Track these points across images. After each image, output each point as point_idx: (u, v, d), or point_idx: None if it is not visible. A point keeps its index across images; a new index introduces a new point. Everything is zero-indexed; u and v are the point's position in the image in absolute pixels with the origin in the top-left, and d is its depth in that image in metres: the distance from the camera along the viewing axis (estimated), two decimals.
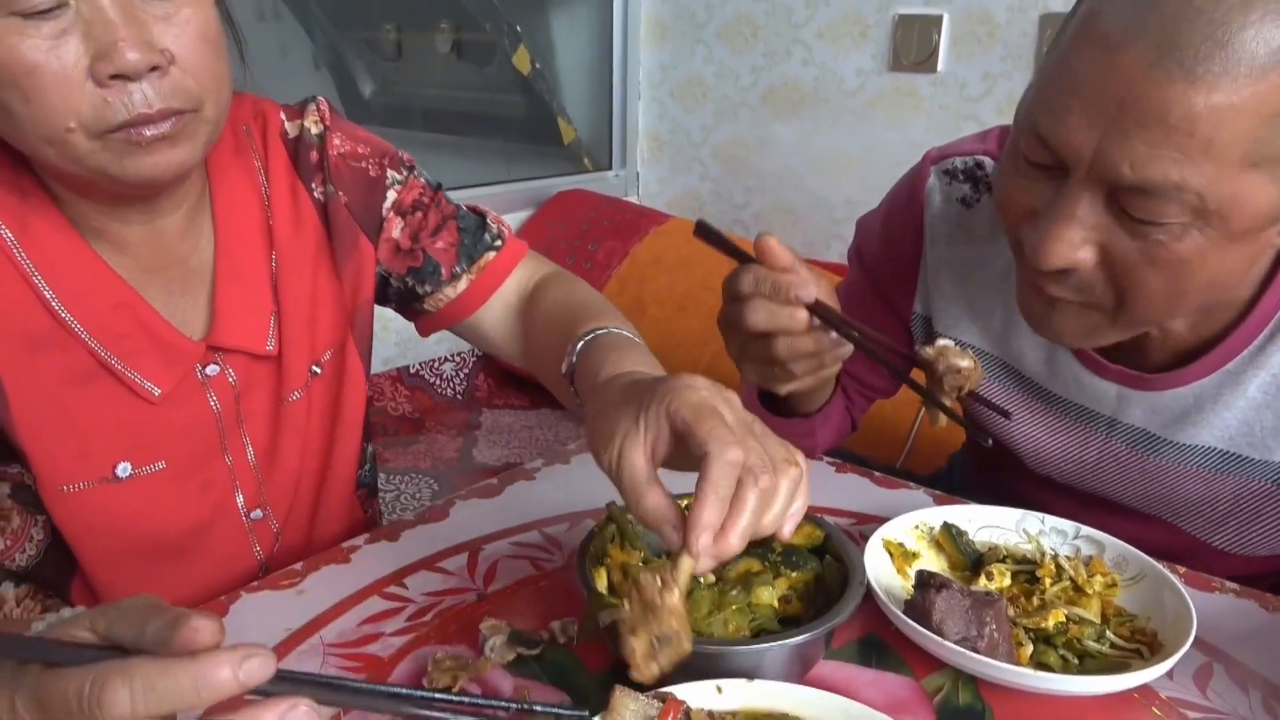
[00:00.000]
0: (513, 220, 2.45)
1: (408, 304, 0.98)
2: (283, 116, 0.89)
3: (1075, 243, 0.67)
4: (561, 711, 0.53)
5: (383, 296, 0.97)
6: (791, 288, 0.71)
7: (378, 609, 0.76)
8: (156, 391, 0.78)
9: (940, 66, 2.10)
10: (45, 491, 0.75)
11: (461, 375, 2.36)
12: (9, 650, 0.44)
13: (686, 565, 0.55)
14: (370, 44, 2.43)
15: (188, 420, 0.81)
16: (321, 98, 0.92)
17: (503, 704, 0.51)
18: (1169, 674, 0.68)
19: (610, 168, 2.70)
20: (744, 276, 0.74)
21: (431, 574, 0.81)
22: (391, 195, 0.93)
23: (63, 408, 0.75)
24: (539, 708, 0.52)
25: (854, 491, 0.98)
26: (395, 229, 0.93)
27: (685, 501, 0.68)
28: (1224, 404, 0.81)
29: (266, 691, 0.42)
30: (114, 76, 0.65)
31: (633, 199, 2.68)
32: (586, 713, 0.51)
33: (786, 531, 0.58)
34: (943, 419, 0.74)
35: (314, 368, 0.89)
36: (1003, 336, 0.92)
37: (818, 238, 2.40)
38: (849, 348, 0.75)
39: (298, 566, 0.82)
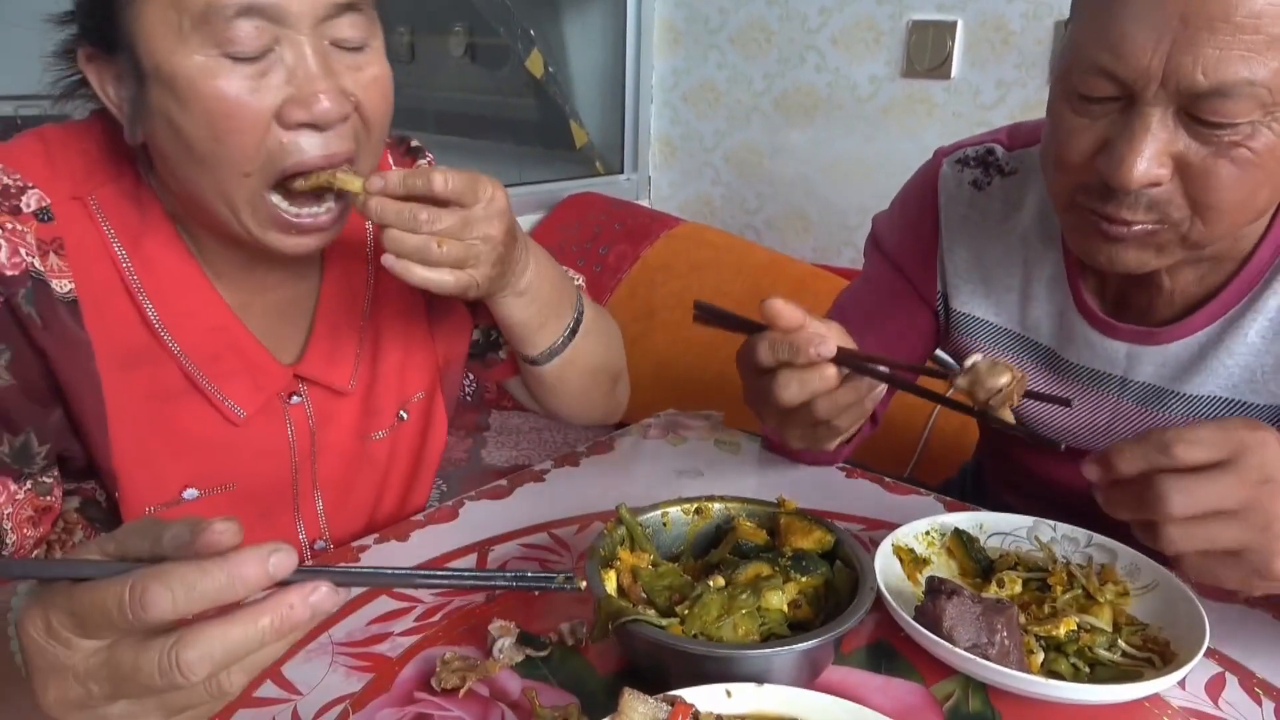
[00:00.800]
0: (524, 223, 2.46)
1: (484, 354, 1.02)
2: (391, 161, 0.93)
3: (1155, 158, 0.69)
4: (553, 576, 0.55)
5: None
6: (810, 345, 0.71)
7: (387, 609, 0.76)
8: (241, 413, 0.80)
9: (954, 73, 2.09)
10: (128, 512, 0.76)
11: (470, 377, 2.36)
12: (38, 571, 0.45)
13: (356, 183, 0.71)
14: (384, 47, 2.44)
15: (263, 446, 0.82)
16: (429, 153, 0.96)
17: (500, 574, 0.54)
18: (1181, 683, 0.68)
19: (622, 171, 2.71)
20: (759, 347, 0.73)
21: None
22: None
23: (150, 426, 0.76)
24: (530, 574, 0.54)
25: (864, 497, 0.98)
26: None
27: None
28: (1226, 351, 0.84)
29: (288, 581, 0.45)
30: (303, 124, 0.68)
31: (644, 203, 2.68)
32: (568, 575, 0.54)
33: (389, 262, 0.72)
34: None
35: (401, 412, 0.92)
36: (1018, 309, 0.96)
37: (830, 244, 2.39)
38: (883, 386, 0.75)
39: (309, 565, 0.82)
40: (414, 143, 0.97)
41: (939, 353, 0.83)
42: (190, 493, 0.78)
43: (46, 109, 0.75)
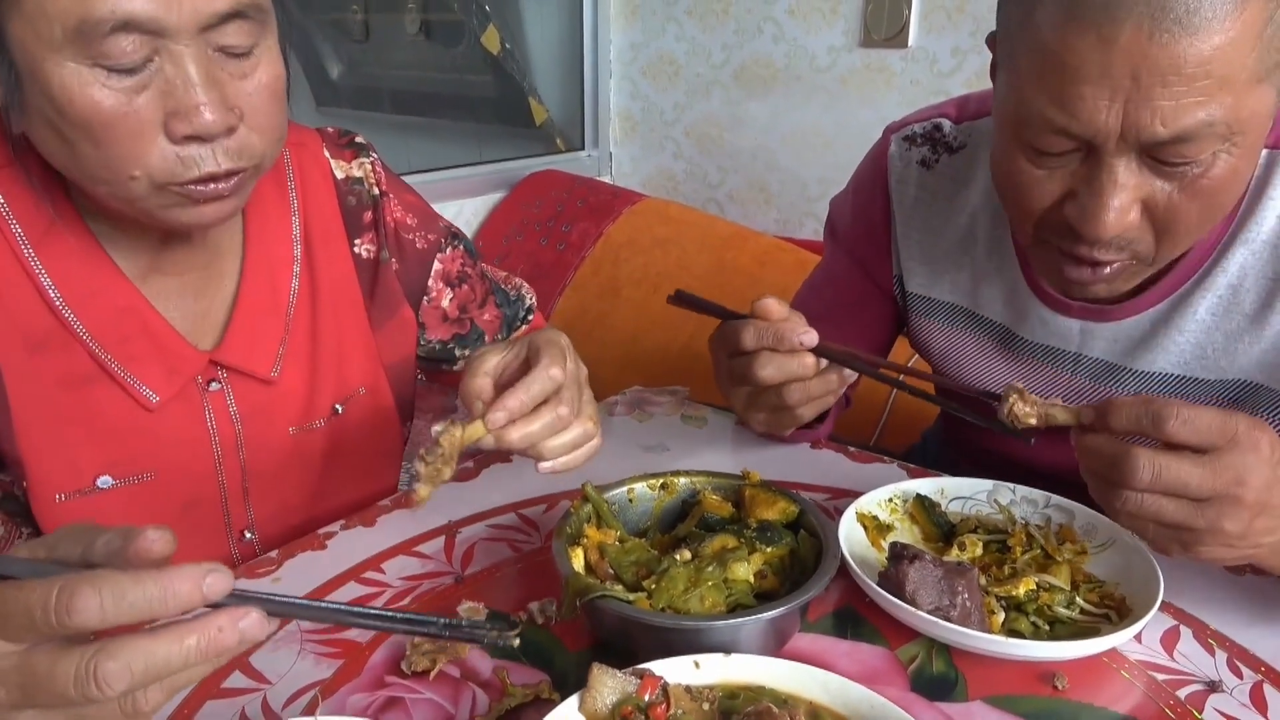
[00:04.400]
0: (485, 203, 2.43)
1: (437, 363, 1.03)
2: (327, 153, 0.90)
3: (1127, 207, 0.70)
4: (488, 628, 0.53)
5: None
6: (793, 333, 0.76)
7: (355, 594, 0.76)
8: (154, 398, 0.78)
9: (911, 42, 2.09)
10: (37, 501, 0.74)
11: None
12: None
13: (478, 429, 0.69)
14: (337, 25, 2.39)
15: (181, 434, 0.80)
16: (374, 151, 0.93)
17: (432, 619, 0.53)
18: (1137, 638, 0.70)
19: (583, 148, 2.68)
20: (744, 332, 0.77)
21: (409, 558, 0.81)
22: (436, 265, 0.97)
23: (59, 412, 0.74)
24: (465, 624, 0.53)
25: (828, 466, 0.99)
26: (445, 299, 0.98)
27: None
28: (1176, 328, 0.85)
29: (219, 605, 0.44)
30: (188, 137, 0.65)
31: (606, 179, 2.66)
32: (502, 631, 0.53)
33: (552, 464, 0.71)
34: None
35: (336, 406, 0.90)
36: (971, 288, 0.96)
37: (792, 215, 2.40)
38: (853, 376, 0.78)
39: (273, 554, 0.81)
40: (358, 138, 0.94)
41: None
42: (105, 480, 0.76)
43: None
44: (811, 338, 0.76)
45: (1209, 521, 0.61)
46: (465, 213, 2.37)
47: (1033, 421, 0.70)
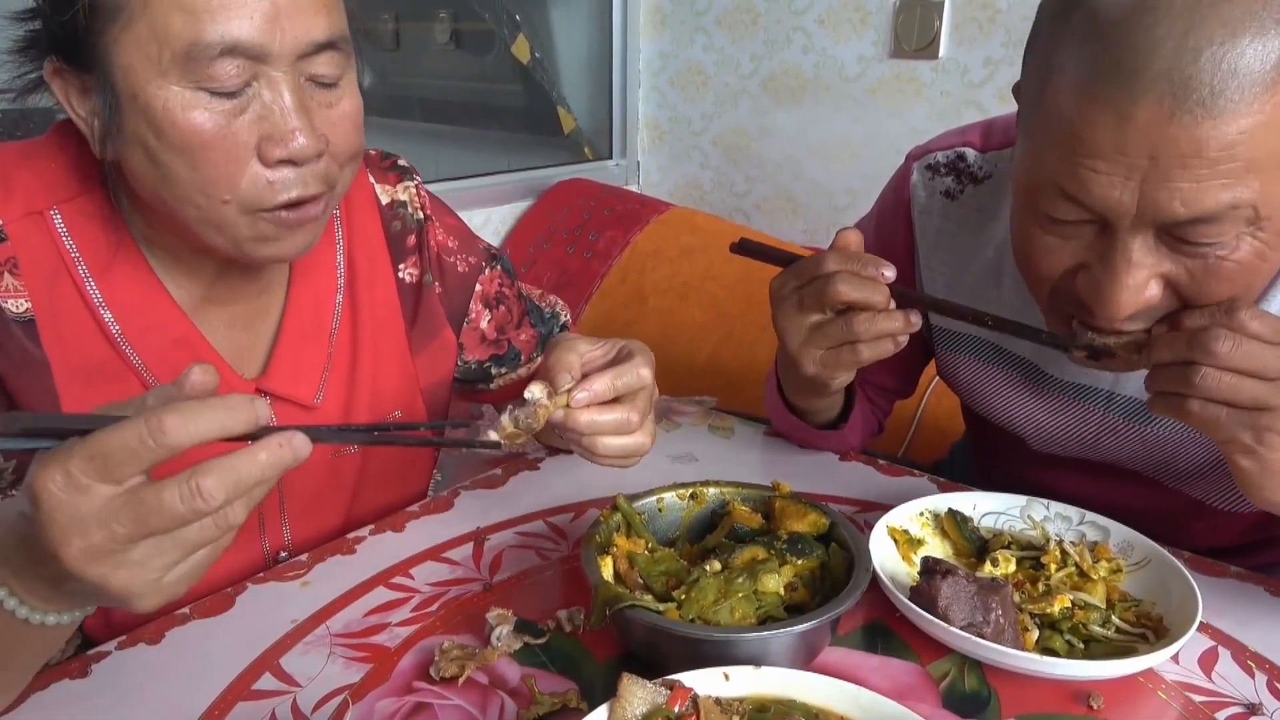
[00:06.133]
0: (513, 211, 2.45)
1: (472, 383, 1.04)
2: (371, 178, 0.92)
3: (1142, 285, 0.67)
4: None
5: None
6: (875, 264, 0.76)
7: (384, 599, 0.76)
8: None
9: (941, 52, 2.08)
10: None
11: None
12: (51, 424, 0.51)
13: (561, 401, 0.69)
14: (368, 34, 2.41)
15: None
16: (416, 174, 0.95)
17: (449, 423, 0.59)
18: (1174, 658, 0.69)
19: (611, 157, 2.69)
20: (827, 257, 0.78)
21: (437, 564, 0.81)
22: (476, 288, 0.98)
23: None
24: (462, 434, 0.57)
25: (858, 479, 0.98)
26: (483, 321, 0.99)
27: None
28: None
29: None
30: (281, 161, 0.68)
31: (633, 188, 2.67)
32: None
33: (603, 459, 0.72)
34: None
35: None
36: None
37: (819, 225, 2.39)
38: (917, 326, 0.77)
39: (303, 558, 0.82)
40: (400, 161, 0.95)
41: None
42: None
43: (14, 103, 0.74)
44: (892, 271, 0.76)
45: None
46: (493, 220, 2.38)
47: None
